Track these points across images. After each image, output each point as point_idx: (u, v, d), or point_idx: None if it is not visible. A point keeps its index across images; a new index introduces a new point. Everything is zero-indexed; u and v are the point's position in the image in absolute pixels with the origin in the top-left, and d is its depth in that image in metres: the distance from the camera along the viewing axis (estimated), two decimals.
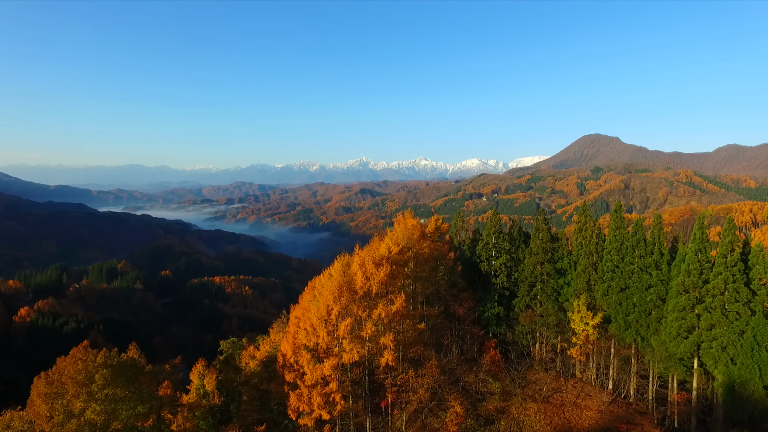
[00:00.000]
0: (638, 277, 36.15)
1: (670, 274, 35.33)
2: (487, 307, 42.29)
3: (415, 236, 40.72)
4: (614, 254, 37.45)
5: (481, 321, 42.48)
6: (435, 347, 38.69)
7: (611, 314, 37.33)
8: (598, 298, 37.94)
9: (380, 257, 34.93)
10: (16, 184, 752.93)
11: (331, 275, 35.13)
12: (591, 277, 38.73)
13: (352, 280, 33.97)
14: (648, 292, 35.66)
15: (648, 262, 35.92)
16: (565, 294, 40.39)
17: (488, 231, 43.67)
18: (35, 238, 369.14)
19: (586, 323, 36.35)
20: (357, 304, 33.56)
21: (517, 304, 42.40)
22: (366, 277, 33.53)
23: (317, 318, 33.10)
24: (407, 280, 39.66)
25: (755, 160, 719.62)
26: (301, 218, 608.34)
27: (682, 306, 33.16)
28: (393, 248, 37.49)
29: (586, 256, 39.07)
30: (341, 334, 32.47)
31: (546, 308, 40.23)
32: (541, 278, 40.96)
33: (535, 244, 41.34)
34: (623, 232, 37.58)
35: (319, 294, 35.44)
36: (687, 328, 33.07)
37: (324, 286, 34.94)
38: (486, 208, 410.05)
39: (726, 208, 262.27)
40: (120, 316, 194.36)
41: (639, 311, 36.01)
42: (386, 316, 33.05)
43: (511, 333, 42.36)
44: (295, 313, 37.75)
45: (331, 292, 33.23)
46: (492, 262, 43.40)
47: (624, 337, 36.91)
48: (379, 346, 33.48)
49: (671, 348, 33.85)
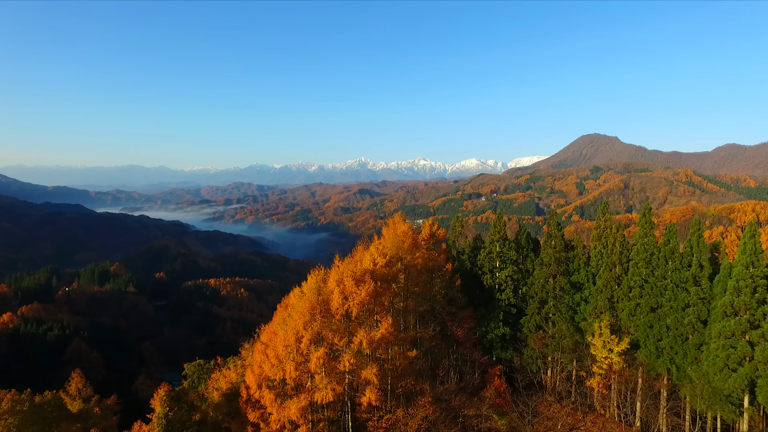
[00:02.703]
0: (672, 294, 30.12)
1: (713, 291, 29.31)
2: (490, 328, 36.20)
3: (406, 244, 34.71)
4: (642, 266, 31.40)
5: (483, 343, 36.38)
6: (429, 376, 32.67)
7: (639, 338, 31.30)
8: (623, 318, 31.90)
9: (362, 272, 28.89)
10: (13, 185, 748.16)
11: (303, 293, 29.13)
12: (614, 294, 32.68)
13: (328, 299, 27.99)
14: (685, 313, 29.63)
15: (685, 277, 29.89)
16: (582, 312, 34.34)
17: (491, 238, 37.52)
18: (31, 239, 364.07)
19: (610, 350, 30.32)
20: (333, 330, 27.60)
21: (525, 324, 36.29)
22: (344, 296, 27.52)
23: (283, 347, 27.11)
24: (396, 298, 33.68)
25: (754, 160, 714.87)
26: (300, 219, 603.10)
27: (731, 331, 27.12)
28: (379, 260, 31.50)
29: (607, 268, 33.03)
30: (313, 368, 26.47)
31: (560, 329, 34.20)
32: (554, 294, 34.87)
33: (546, 254, 35.25)
34: (653, 239, 31.53)
35: (289, 316, 29.53)
36: (737, 359, 27.02)
37: (295, 306, 28.97)
38: (485, 208, 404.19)
39: (728, 208, 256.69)
40: (110, 321, 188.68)
41: (674, 336, 29.97)
42: (369, 343, 27.03)
43: (518, 357, 36.28)
44: (264, 336, 31.86)
45: (301, 315, 27.23)
46: (496, 275, 37.29)
47: (655, 366, 30.88)
48: (361, 381, 27.51)
49: (716, 382, 27.81)
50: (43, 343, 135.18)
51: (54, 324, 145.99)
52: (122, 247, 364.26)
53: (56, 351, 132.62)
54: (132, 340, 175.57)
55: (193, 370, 41.96)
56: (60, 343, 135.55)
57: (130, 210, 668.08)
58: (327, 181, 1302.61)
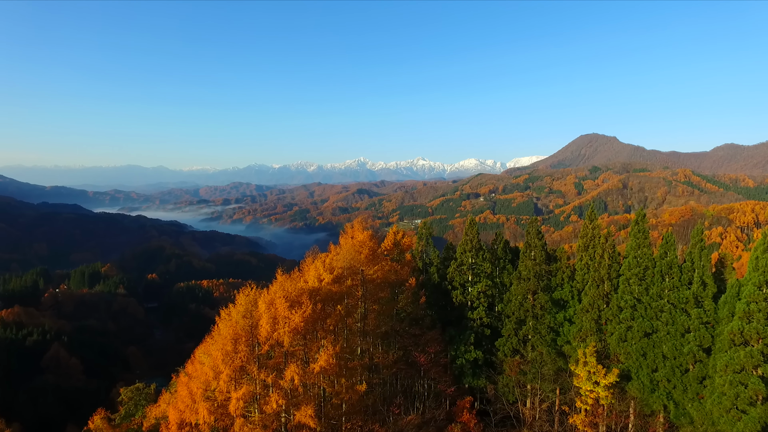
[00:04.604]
0: (670, 316, 25.43)
1: (718, 314, 24.62)
2: (460, 351, 31.47)
3: (362, 255, 30.08)
4: (635, 283, 26.69)
5: (452, 369, 31.70)
6: (387, 411, 28.00)
7: (631, 368, 26.60)
8: (612, 344, 27.20)
9: (299, 292, 24.26)
10: (11, 185, 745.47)
11: (229, 316, 24.53)
12: (602, 314, 27.98)
13: (257, 325, 23.40)
14: (685, 340, 24.95)
15: (684, 296, 25.19)
16: (565, 335, 29.66)
17: (463, 247, 32.76)
18: (26, 240, 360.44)
19: (596, 382, 25.62)
20: (261, 363, 22.99)
21: (501, 347, 31.57)
22: (274, 322, 22.89)
23: (198, 384, 22.56)
24: (350, 318, 29.00)
25: (753, 159, 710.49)
26: (298, 219, 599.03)
27: (740, 365, 22.43)
28: (325, 276, 26.88)
29: (594, 284, 28.31)
30: (233, 410, 21.83)
31: (539, 354, 29.50)
32: (534, 313, 30.15)
33: (525, 266, 30.51)
34: (647, 252, 26.81)
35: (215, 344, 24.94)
36: (748, 399, 22.32)
37: (221, 333, 24.38)
38: (483, 208, 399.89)
39: (727, 208, 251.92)
40: (98, 324, 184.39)
41: (671, 366, 25.28)
42: (301, 380, 22.41)
43: (492, 386, 31.54)
44: (189, 366, 27.26)
45: (221, 346, 22.61)
46: (468, 290, 32.59)
47: (649, 401, 26.18)
48: (295, 423, 22.90)
49: (722, 425, 23.11)
50: (21, 349, 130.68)
51: (34, 329, 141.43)
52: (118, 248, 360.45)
53: (34, 357, 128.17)
54: (119, 344, 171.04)
55: (129, 396, 37.34)
56: (38, 349, 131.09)
57: (128, 210, 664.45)
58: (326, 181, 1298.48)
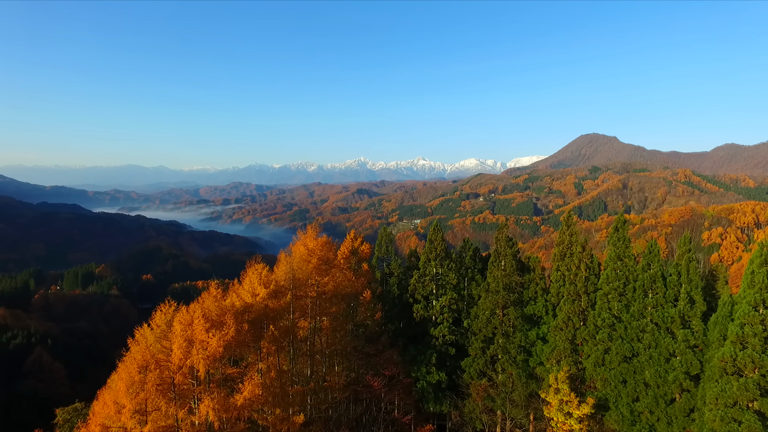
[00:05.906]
0: (653, 338, 22.09)
1: (707, 336, 21.27)
2: (421, 373, 28.14)
3: (311, 265, 26.87)
4: (614, 299, 23.36)
5: (412, 393, 28.38)
6: None
7: (609, 396, 23.27)
8: (589, 367, 23.88)
9: (221, 310, 21.07)
10: (11, 184, 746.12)
11: (144, 338, 21.33)
12: (578, 334, 24.65)
13: (170, 349, 20.20)
14: (670, 365, 21.62)
15: (670, 315, 21.84)
16: (538, 355, 26.34)
17: (427, 255, 29.39)
18: (24, 240, 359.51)
19: (569, 413, 22.31)
20: (174, 395, 19.82)
21: (467, 369, 28.23)
22: (188, 346, 19.68)
23: (100, 420, 19.40)
24: (296, 336, 25.73)
25: (753, 160, 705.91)
26: (297, 219, 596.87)
27: (733, 398, 19.08)
28: (260, 290, 23.68)
29: (570, 299, 24.97)
30: None
31: (509, 376, 26.18)
32: (503, 330, 26.82)
33: (493, 278, 27.14)
34: (629, 263, 23.46)
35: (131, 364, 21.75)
36: None
37: (131, 357, 21.19)
38: (483, 208, 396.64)
39: (728, 209, 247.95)
40: (88, 326, 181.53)
41: (654, 396, 21.95)
42: (218, 415, 19.19)
43: (457, 413, 28.23)
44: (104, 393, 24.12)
45: (126, 375, 19.44)
46: (432, 303, 29.27)
47: None
48: None
49: None
50: (3, 353, 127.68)
51: (19, 331, 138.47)
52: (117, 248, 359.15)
53: (17, 361, 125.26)
54: (109, 347, 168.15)
55: (66, 417, 34.16)
56: (21, 353, 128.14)
57: (127, 210, 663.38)
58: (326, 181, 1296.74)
